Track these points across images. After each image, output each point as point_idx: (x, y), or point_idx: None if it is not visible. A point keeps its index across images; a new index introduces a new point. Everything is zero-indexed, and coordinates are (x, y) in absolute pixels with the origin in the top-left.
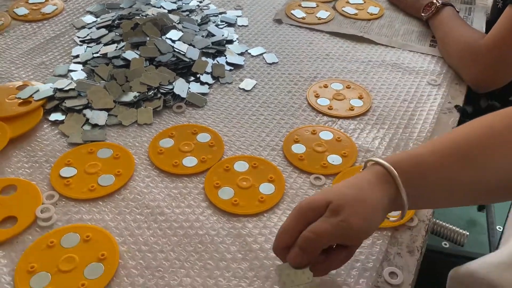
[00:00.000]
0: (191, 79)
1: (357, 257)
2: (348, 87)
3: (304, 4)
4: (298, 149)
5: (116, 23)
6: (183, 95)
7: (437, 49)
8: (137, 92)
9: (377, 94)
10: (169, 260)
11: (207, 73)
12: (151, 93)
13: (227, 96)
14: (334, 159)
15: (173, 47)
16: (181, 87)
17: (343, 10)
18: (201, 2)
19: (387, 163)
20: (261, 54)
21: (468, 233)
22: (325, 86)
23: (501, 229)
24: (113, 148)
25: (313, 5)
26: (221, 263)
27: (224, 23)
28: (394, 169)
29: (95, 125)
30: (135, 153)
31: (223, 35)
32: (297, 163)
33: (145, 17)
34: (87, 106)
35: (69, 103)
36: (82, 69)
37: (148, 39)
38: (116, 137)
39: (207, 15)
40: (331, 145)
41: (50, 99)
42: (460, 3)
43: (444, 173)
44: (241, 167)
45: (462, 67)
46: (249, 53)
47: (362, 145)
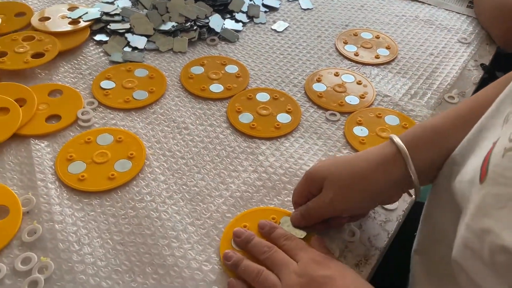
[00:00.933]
0: (227, 16)
1: None
2: (377, 37)
3: None
4: (318, 87)
5: None
6: (218, 29)
7: (473, 10)
8: (176, 22)
9: (404, 46)
10: (188, 165)
11: (243, 12)
12: (188, 25)
13: (258, 35)
14: (351, 99)
15: None
16: (216, 22)
17: None
18: None
19: (402, 141)
20: None
21: None
22: (355, 34)
23: None
24: (149, 69)
25: None
26: (233, 173)
27: None
28: (406, 149)
29: (134, 48)
30: (168, 76)
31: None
32: (315, 99)
33: None
34: (129, 30)
35: (113, 26)
36: None
37: None
38: (152, 60)
39: None
40: (351, 87)
41: (97, 21)
42: None
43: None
44: (262, 97)
45: (492, 25)
46: None
47: (381, 91)
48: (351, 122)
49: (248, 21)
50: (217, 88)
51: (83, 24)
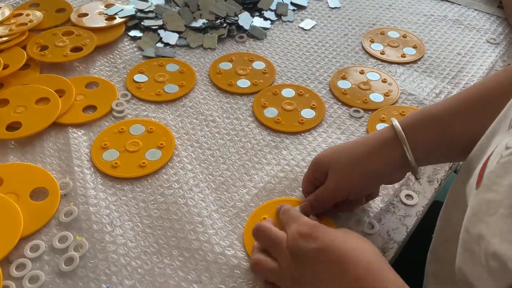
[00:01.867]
0: (255, 14)
1: None
2: (404, 36)
3: None
4: (343, 84)
5: None
6: (246, 27)
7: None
8: (206, 19)
9: (432, 45)
10: (214, 156)
11: (271, 10)
12: (218, 22)
13: (286, 32)
14: (375, 97)
15: None
16: (245, 19)
17: None
18: None
19: (400, 125)
20: None
21: None
22: (382, 33)
23: None
24: (179, 64)
25: None
26: (257, 165)
27: None
28: (404, 134)
29: (166, 44)
30: (198, 71)
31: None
32: (340, 96)
33: None
34: (161, 27)
35: (147, 23)
36: None
37: None
38: (183, 56)
39: None
40: (375, 85)
41: (131, 18)
42: None
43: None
44: (288, 93)
45: None
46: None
47: (405, 89)
48: (375, 119)
49: (276, 19)
50: (244, 83)
51: (118, 20)
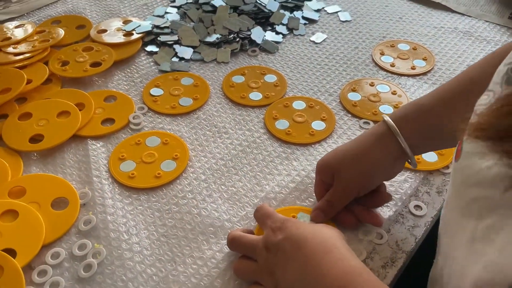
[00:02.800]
0: (268, 28)
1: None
2: (414, 49)
3: None
4: (353, 96)
5: None
6: (259, 41)
7: None
8: (220, 34)
9: (442, 57)
10: (227, 166)
11: (283, 24)
12: (231, 37)
13: (297, 46)
14: (385, 109)
15: None
16: (258, 34)
17: None
18: None
19: (391, 119)
20: (336, 12)
21: None
22: (392, 45)
23: None
24: (194, 78)
25: None
26: (268, 176)
27: None
28: (396, 127)
29: (181, 58)
30: (211, 84)
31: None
32: (350, 108)
33: None
34: (177, 42)
35: (163, 38)
36: (176, 12)
37: None
38: (197, 69)
39: None
40: (385, 97)
41: (148, 33)
42: None
43: (437, 119)
44: (298, 105)
45: None
46: (325, 10)
47: None
48: None
49: (288, 33)
50: (256, 96)
51: (135, 36)
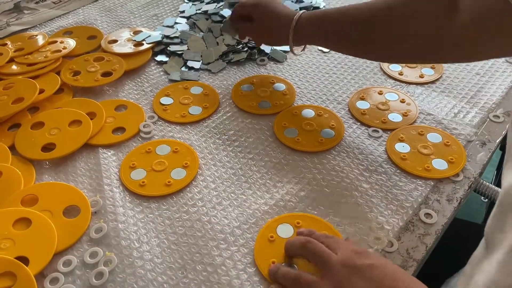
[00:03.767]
0: None
1: (397, 196)
2: None
3: None
4: (362, 105)
5: None
6: (267, 50)
7: None
8: (228, 44)
9: (450, 66)
10: (237, 175)
11: None
12: (239, 47)
13: (305, 55)
14: (394, 117)
15: None
16: None
17: None
18: None
19: (300, 14)
20: None
21: None
22: None
23: None
24: (203, 87)
25: None
26: (278, 184)
27: None
28: (296, 19)
29: (191, 68)
30: (221, 93)
31: (311, 2)
32: (358, 116)
33: None
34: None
35: (172, 48)
36: (186, 22)
37: None
38: (206, 79)
39: None
40: (394, 105)
41: (158, 43)
42: None
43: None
44: (307, 113)
45: None
46: None
47: (424, 109)
48: (393, 138)
49: None
50: (265, 104)
51: (146, 46)
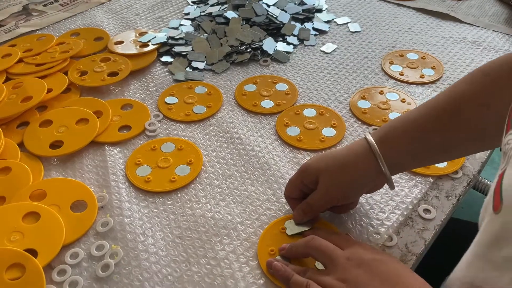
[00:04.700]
0: (279, 39)
1: (398, 193)
2: (423, 58)
3: None
4: (363, 104)
5: None
6: (270, 51)
7: None
8: (232, 45)
9: (450, 66)
10: (240, 172)
11: (294, 35)
12: (243, 48)
13: (308, 56)
14: (394, 116)
15: (267, 10)
16: (269, 44)
17: None
18: None
19: (373, 138)
20: (346, 23)
21: None
22: (401, 55)
23: None
24: (207, 87)
25: None
26: (280, 180)
27: None
28: (377, 147)
29: (195, 68)
30: (224, 93)
31: (314, 4)
32: (360, 115)
33: None
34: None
35: (177, 49)
36: (190, 24)
37: (247, 2)
38: (210, 79)
39: None
40: (394, 104)
41: (163, 44)
42: None
43: (429, 141)
44: (309, 112)
45: None
46: (335, 22)
47: None
48: None
49: (298, 43)
50: (267, 104)
51: (151, 47)
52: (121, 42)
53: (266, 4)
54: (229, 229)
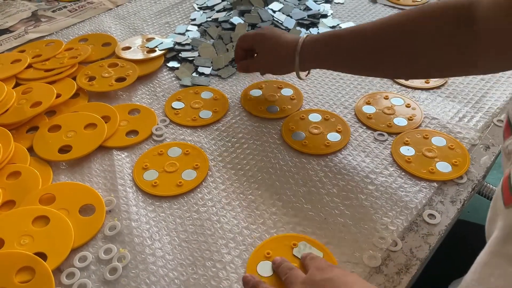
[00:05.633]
0: None
1: (402, 198)
2: None
3: None
4: (368, 109)
5: None
6: None
7: None
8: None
9: None
10: (246, 176)
11: None
12: None
13: None
14: (399, 121)
15: (273, 16)
16: None
17: None
18: None
19: (305, 37)
20: None
21: None
22: None
23: None
24: (213, 92)
25: None
26: (285, 185)
27: (322, 0)
28: (301, 42)
29: (202, 73)
30: (230, 98)
31: (319, 10)
32: (365, 120)
33: None
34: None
35: (184, 54)
36: (197, 30)
37: (253, 8)
38: (216, 84)
39: None
40: (399, 109)
41: (170, 50)
42: None
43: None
44: (314, 117)
45: None
46: (340, 27)
47: (429, 114)
48: (398, 142)
49: None
50: (273, 109)
51: (158, 52)
52: (128, 47)
53: (271, 9)
54: (234, 233)
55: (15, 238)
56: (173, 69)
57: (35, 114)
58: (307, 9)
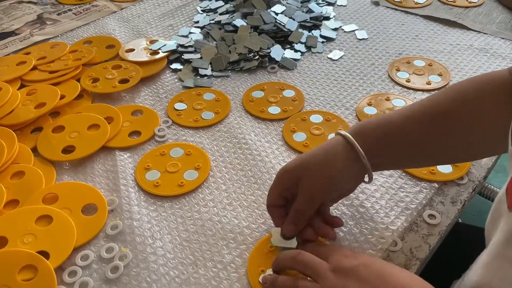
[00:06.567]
0: (286, 47)
1: (403, 198)
2: (430, 65)
3: None
4: (369, 110)
5: None
6: (278, 58)
7: None
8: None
9: (457, 73)
10: (247, 176)
11: (301, 43)
12: (251, 55)
13: (315, 63)
14: None
15: (275, 18)
16: (277, 52)
17: None
18: None
19: (350, 133)
20: (353, 30)
21: None
22: (408, 62)
23: None
24: (216, 93)
25: None
26: None
27: (324, 2)
28: (356, 142)
29: (204, 75)
30: (232, 99)
31: (322, 12)
32: None
33: None
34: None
35: (186, 56)
36: (200, 32)
37: (255, 10)
38: (219, 85)
39: None
40: None
41: (173, 52)
42: None
43: (408, 138)
44: (316, 119)
45: None
46: (342, 29)
47: None
48: None
49: (306, 50)
50: (274, 110)
51: (161, 54)
52: (132, 49)
53: (274, 12)
54: (235, 233)
55: (18, 236)
56: (175, 70)
57: (40, 115)
58: (310, 11)
